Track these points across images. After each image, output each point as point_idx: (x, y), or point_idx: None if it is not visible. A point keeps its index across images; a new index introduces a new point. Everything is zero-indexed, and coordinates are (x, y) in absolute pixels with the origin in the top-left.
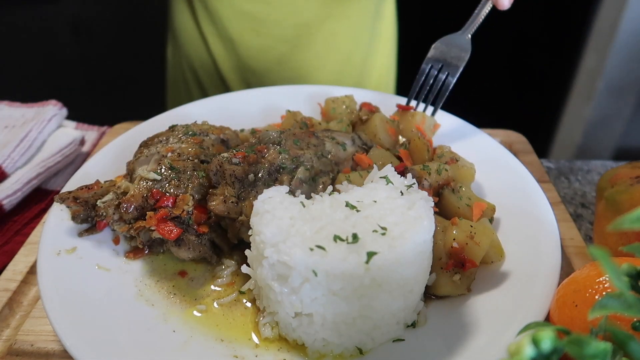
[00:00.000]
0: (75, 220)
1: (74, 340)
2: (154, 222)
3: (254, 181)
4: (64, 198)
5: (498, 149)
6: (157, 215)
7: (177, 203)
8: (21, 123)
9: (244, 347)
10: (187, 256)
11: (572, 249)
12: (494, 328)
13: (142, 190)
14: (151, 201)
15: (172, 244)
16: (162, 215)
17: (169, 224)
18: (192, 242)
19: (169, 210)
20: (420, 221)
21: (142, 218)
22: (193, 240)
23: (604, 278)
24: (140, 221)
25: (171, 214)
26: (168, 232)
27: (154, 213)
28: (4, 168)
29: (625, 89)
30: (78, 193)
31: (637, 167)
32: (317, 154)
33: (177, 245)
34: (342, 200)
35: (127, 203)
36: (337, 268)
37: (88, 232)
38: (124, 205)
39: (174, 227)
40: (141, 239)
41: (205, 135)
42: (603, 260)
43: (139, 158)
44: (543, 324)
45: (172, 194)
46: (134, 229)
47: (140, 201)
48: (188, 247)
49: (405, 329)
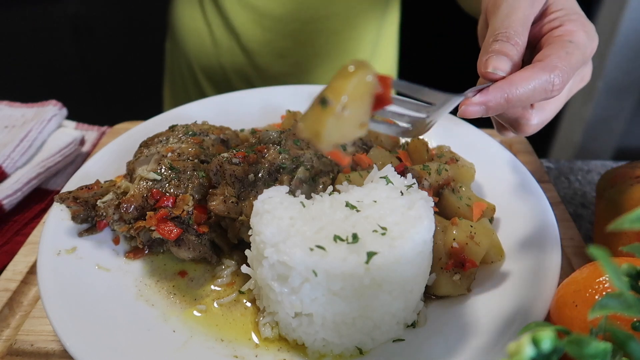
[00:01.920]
0: (75, 220)
1: (74, 340)
2: (154, 222)
3: (254, 181)
4: (64, 198)
5: (498, 149)
6: (157, 215)
7: (177, 203)
8: (21, 123)
9: (243, 347)
10: (187, 256)
11: (572, 249)
12: (494, 328)
13: (142, 190)
14: (151, 201)
15: (172, 244)
16: (162, 215)
17: (169, 224)
18: (192, 242)
19: (169, 210)
20: (421, 221)
21: (142, 218)
22: (193, 240)
23: (604, 278)
24: (140, 221)
25: (171, 214)
26: (168, 232)
27: (154, 213)
28: (4, 168)
29: (625, 89)
30: (78, 193)
31: (637, 167)
32: (317, 153)
33: (177, 245)
34: (342, 200)
35: (127, 203)
36: (337, 268)
37: (88, 232)
38: (124, 206)
39: (174, 227)
40: (141, 239)
41: (206, 135)
42: (603, 260)
43: (139, 158)
44: (543, 324)
45: (172, 194)
46: (134, 229)
47: (140, 201)
48: (188, 247)
49: (405, 329)
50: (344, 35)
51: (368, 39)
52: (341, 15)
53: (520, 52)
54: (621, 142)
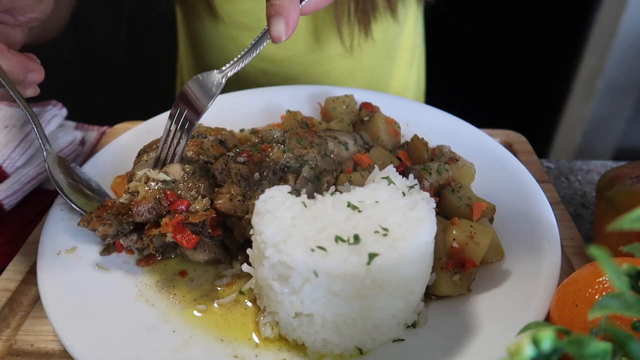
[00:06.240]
0: (108, 240)
1: (74, 340)
2: (171, 230)
3: (260, 180)
4: (88, 221)
5: (498, 149)
6: (174, 222)
7: (193, 209)
8: (21, 123)
9: (244, 347)
10: (202, 259)
11: (572, 249)
12: (494, 328)
13: (153, 192)
14: (165, 203)
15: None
16: (178, 221)
17: (185, 231)
18: (208, 244)
19: (185, 215)
20: (422, 222)
21: (154, 221)
22: (209, 243)
23: (604, 278)
24: (153, 229)
25: (187, 219)
26: (187, 241)
27: (169, 219)
28: (4, 168)
29: (625, 89)
30: (99, 212)
31: (637, 167)
32: (320, 152)
33: (193, 249)
34: (344, 201)
35: (139, 205)
36: (338, 269)
37: (106, 251)
38: (137, 209)
39: (191, 234)
40: (154, 245)
41: (204, 137)
42: (603, 260)
43: (138, 164)
44: (543, 324)
45: (184, 197)
46: (147, 236)
47: (153, 203)
48: (204, 250)
49: (406, 329)
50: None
51: (384, 51)
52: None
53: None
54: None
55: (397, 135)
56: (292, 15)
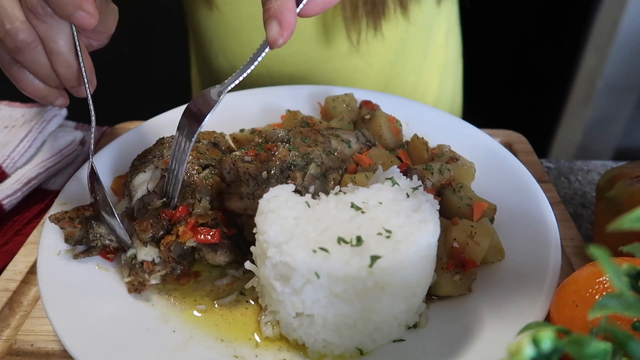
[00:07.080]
0: (69, 242)
1: (74, 340)
2: (190, 235)
3: (267, 178)
4: (59, 218)
5: (498, 149)
6: (189, 226)
7: (196, 213)
8: (21, 123)
9: (244, 347)
10: (223, 260)
11: (572, 249)
12: (494, 328)
13: (148, 218)
14: (164, 221)
15: (208, 251)
16: (193, 224)
17: (203, 228)
18: (228, 245)
19: (195, 218)
20: (426, 224)
21: (156, 238)
22: (228, 244)
23: (604, 278)
24: (168, 235)
25: (197, 221)
26: (212, 236)
27: (183, 227)
28: (4, 168)
29: (625, 89)
30: (75, 213)
31: (637, 167)
32: (325, 150)
33: (214, 251)
34: (347, 201)
35: (144, 233)
36: (339, 270)
37: (85, 254)
38: (143, 236)
39: (210, 229)
40: (172, 254)
41: (198, 141)
42: (603, 260)
43: (134, 175)
44: (543, 324)
45: (183, 203)
46: (164, 245)
47: (152, 230)
48: (225, 251)
49: (407, 330)
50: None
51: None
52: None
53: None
54: (621, 142)
55: (398, 133)
56: (286, 15)
